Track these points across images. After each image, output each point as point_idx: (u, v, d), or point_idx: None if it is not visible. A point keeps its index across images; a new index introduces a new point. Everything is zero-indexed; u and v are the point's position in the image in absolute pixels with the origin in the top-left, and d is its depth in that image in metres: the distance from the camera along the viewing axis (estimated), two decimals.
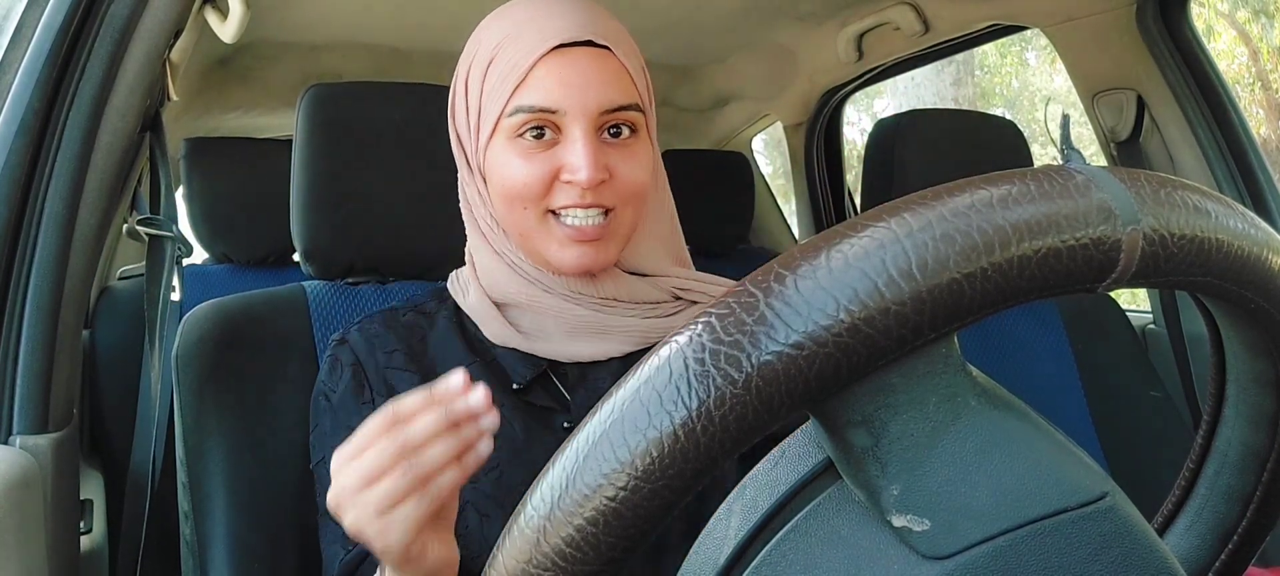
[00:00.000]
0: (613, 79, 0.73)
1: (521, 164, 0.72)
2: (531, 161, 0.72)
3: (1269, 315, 0.34)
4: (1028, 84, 9.37)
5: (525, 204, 0.73)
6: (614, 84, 0.72)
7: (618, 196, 0.73)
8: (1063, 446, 0.33)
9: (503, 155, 0.73)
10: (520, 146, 0.72)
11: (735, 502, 0.35)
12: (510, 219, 0.75)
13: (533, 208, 0.73)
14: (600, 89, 0.72)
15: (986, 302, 0.29)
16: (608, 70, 0.73)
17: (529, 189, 0.72)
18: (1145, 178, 0.31)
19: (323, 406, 0.79)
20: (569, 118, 0.71)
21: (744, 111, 2.39)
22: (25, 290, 0.75)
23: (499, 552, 0.31)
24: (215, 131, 1.98)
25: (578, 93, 0.71)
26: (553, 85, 0.71)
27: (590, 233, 0.72)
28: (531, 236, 0.74)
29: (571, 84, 0.71)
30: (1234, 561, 0.43)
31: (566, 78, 0.71)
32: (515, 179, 0.72)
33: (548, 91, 0.71)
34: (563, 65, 0.71)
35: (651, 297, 0.78)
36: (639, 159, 0.74)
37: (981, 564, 0.30)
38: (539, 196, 0.72)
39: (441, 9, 1.61)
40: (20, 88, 0.76)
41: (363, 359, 0.79)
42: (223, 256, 1.74)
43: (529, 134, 0.72)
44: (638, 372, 0.29)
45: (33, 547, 0.71)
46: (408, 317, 0.82)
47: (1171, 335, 1.55)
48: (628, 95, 0.73)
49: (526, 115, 0.71)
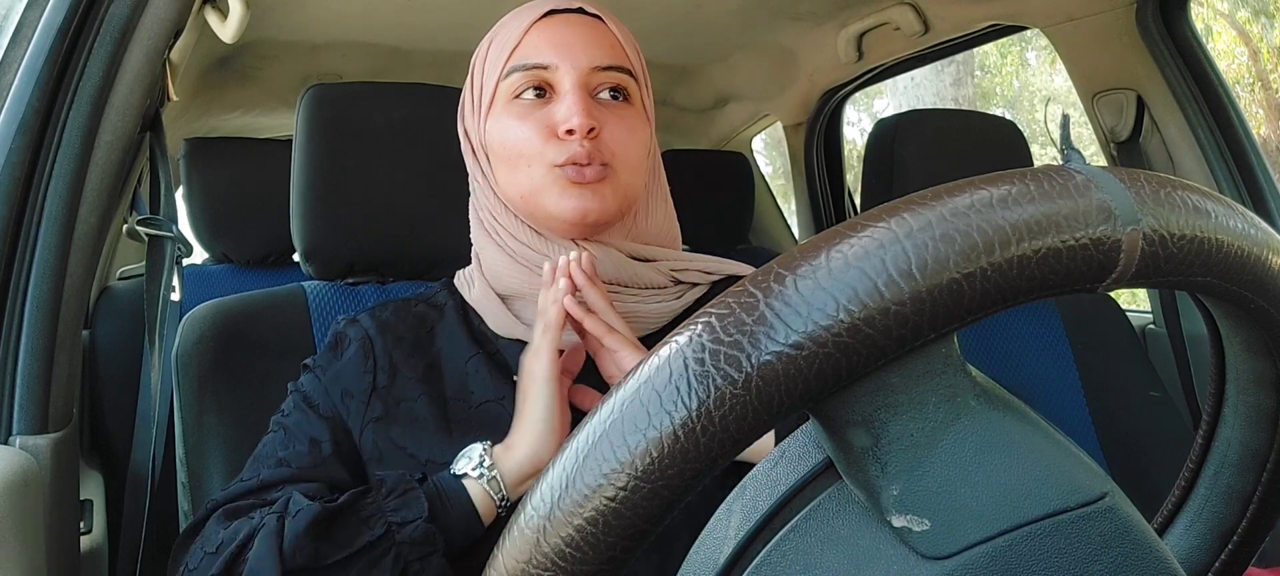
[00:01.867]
0: (602, 42, 0.76)
1: (518, 124, 0.75)
2: (528, 121, 0.75)
3: (1269, 315, 0.34)
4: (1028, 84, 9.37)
5: (527, 162, 0.75)
6: (604, 46, 0.76)
7: (613, 154, 0.75)
8: (1062, 446, 0.33)
9: (501, 122, 0.76)
10: (517, 108, 0.75)
11: (735, 502, 0.35)
12: (514, 182, 0.76)
13: (537, 164, 0.74)
14: (589, 47, 0.75)
15: (986, 303, 0.28)
16: (598, 35, 0.77)
17: (529, 145, 0.74)
18: (1145, 178, 0.31)
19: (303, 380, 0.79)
20: (561, 73, 0.74)
21: (744, 111, 2.39)
22: (25, 290, 0.75)
23: (499, 552, 0.31)
24: (215, 131, 1.98)
25: (567, 50, 0.75)
26: (543, 44, 0.75)
27: (590, 176, 0.74)
28: (533, 194, 0.75)
29: (561, 43, 0.75)
30: (1234, 561, 0.43)
31: (558, 37, 0.75)
32: (514, 138, 0.75)
33: (538, 49, 0.75)
34: (555, 27, 0.76)
35: (653, 282, 0.80)
36: (631, 124, 0.77)
37: (981, 564, 0.30)
38: (539, 153, 0.74)
39: (441, 9, 1.61)
40: (20, 87, 0.76)
41: (373, 338, 0.80)
42: (223, 256, 1.74)
43: (527, 94, 0.75)
44: (638, 372, 0.29)
45: (33, 547, 0.71)
46: (418, 309, 0.83)
47: (1171, 335, 1.55)
48: (618, 58, 0.77)
49: (521, 74, 0.75)
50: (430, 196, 0.98)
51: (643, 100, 0.79)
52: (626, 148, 0.76)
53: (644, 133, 0.78)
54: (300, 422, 0.76)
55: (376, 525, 0.66)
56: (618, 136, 0.75)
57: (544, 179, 0.74)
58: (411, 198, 0.98)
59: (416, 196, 0.98)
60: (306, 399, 0.77)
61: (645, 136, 0.78)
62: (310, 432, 0.75)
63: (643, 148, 0.78)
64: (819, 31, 1.91)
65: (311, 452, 0.74)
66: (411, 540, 0.65)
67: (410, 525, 0.66)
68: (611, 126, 0.75)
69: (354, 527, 0.66)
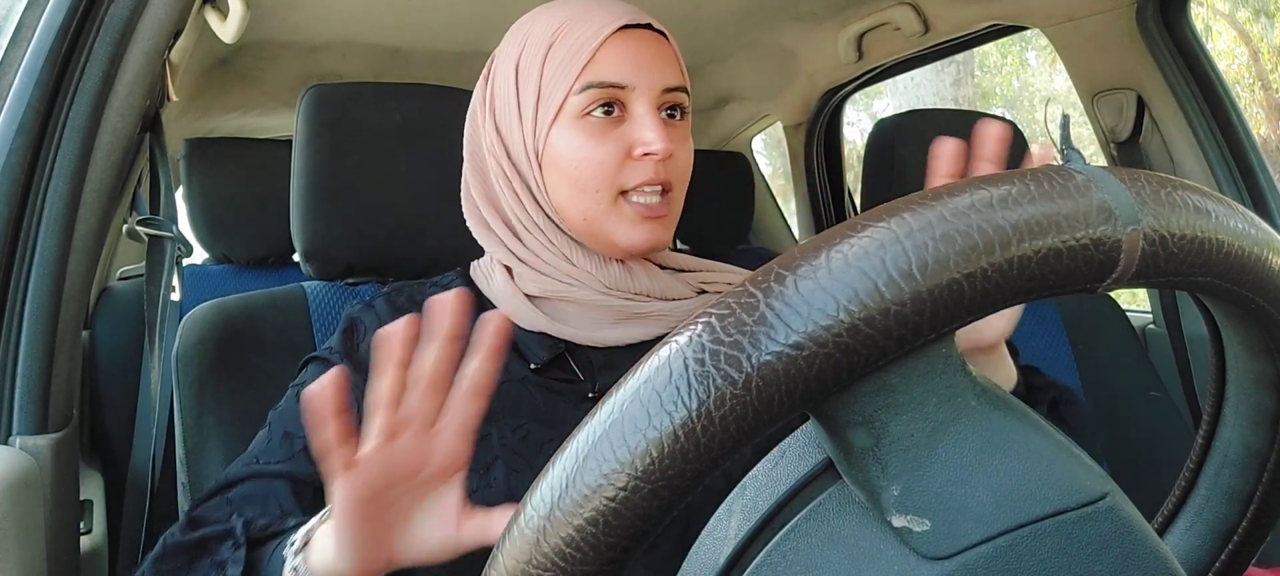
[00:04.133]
0: (672, 61, 0.77)
1: (592, 143, 0.74)
2: (603, 141, 0.74)
3: (1269, 315, 0.34)
4: (1028, 84, 9.37)
5: (597, 186, 0.74)
6: (673, 65, 0.77)
7: (677, 175, 0.76)
8: (1063, 446, 0.33)
9: (570, 137, 0.74)
10: (589, 126, 0.74)
11: (735, 502, 0.35)
12: (577, 204, 0.75)
13: (605, 189, 0.74)
14: (664, 68, 0.75)
15: (986, 303, 0.28)
16: (668, 53, 0.77)
17: (604, 168, 0.73)
18: (1145, 178, 0.31)
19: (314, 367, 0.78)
20: (636, 94, 0.74)
21: (744, 111, 2.39)
22: (25, 290, 0.75)
23: (499, 552, 0.31)
24: (215, 131, 1.98)
25: (645, 70, 0.74)
26: (623, 61, 0.74)
27: (657, 209, 0.74)
28: (599, 220, 0.75)
29: (641, 62, 0.74)
30: (1234, 561, 0.43)
31: (636, 56, 0.74)
32: (588, 159, 0.74)
33: (618, 67, 0.74)
34: (631, 44, 0.75)
35: (680, 293, 0.80)
36: (688, 143, 0.79)
37: (981, 564, 0.30)
38: (612, 177, 0.74)
39: (441, 9, 1.61)
40: (20, 88, 0.76)
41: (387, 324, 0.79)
42: (223, 256, 1.74)
43: (597, 111, 0.74)
44: (638, 372, 0.29)
45: (33, 547, 0.71)
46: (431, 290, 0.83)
47: (1171, 335, 1.55)
48: (681, 78, 0.78)
49: (598, 90, 0.73)
50: (430, 196, 0.98)
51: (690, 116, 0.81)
52: (685, 168, 0.77)
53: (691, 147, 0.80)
54: (282, 416, 0.76)
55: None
56: (682, 156, 0.76)
57: (613, 208, 0.74)
58: (411, 198, 0.98)
59: (416, 196, 0.98)
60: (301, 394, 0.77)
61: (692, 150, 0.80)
62: (287, 427, 0.75)
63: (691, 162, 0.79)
64: (819, 31, 1.91)
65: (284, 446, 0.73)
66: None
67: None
68: (677, 147, 0.75)
69: None
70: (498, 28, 0.83)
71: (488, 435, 0.75)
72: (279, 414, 0.77)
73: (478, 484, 0.73)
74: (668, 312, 0.79)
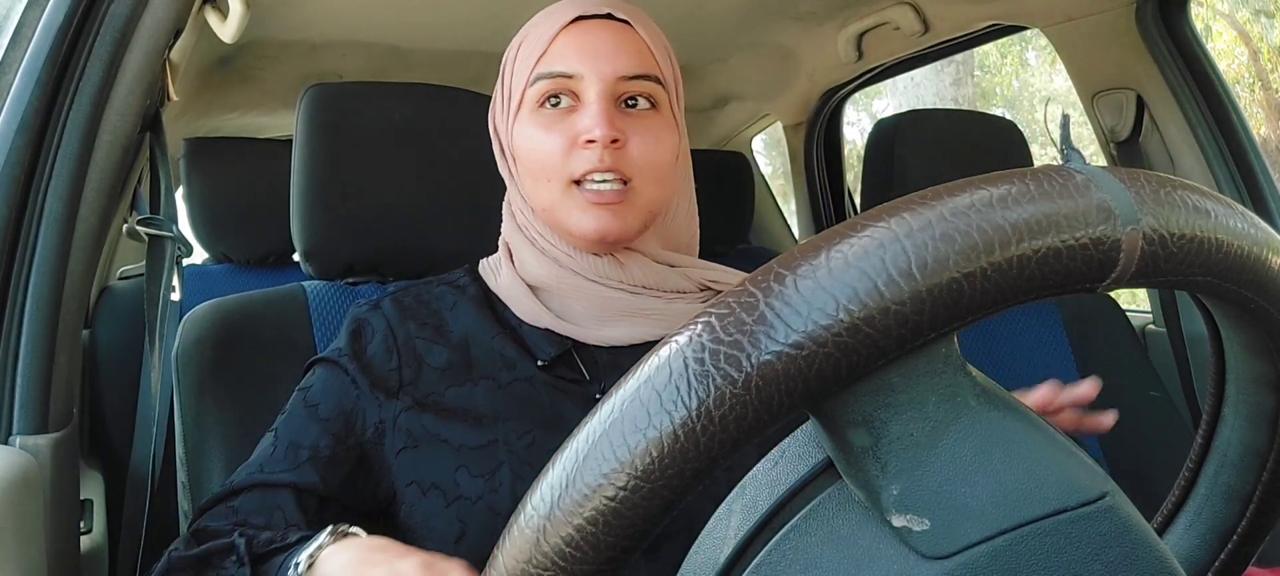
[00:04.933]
0: (630, 49, 0.75)
1: (542, 134, 0.75)
2: (552, 131, 0.74)
3: (1269, 315, 0.34)
4: (1028, 84, 9.37)
5: (548, 175, 0.75)
6: (631, 53, 0.75)
7: (634, 167, 0.74)
8: (1062, 446, 0.33)
9: (527, 129, 0.76)
10: (542, 117, 0.75)
11: (735, 502, 0.35)
12: (537, 194, 0.77)
13: (556, 179, 0.74)
14: (615, 55, 0.74)
15: (986, 302, 0.28)
16: (626, 41, 0.76)
17: (550, 157, 0.74)
18: (1145, 177, 0.31)
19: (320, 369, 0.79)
20: (586, 83, 0.74)
21: (744, 111, 2.39)
22: (25, 290, 0.75)
23: (499, 552, 0.31)
24: (215, 131, 1.98)
25: (593, 59, 0.74)
26: (570, 52, 0.74)
27: (609, 196, 0.73)
28: (555, 209, 0.75)
29: (587, 51, 0.74)
30: (1233, 561, 0.43)
31: (583, 45, 0.74)
32: (538, 149, 0.75)
33: (564, 57, 0.74)
34: (582, 35, 0.75)
35: (681, 287, 0.80)
36: (657, 133, 0.76)
37: (981, 563, 0.30)
38: (560, 166, 0.74)
39: (441, 9, 1.61)
40: (20, 88, 0.76)
41: (395, 327, 0.80)
42: (223, 256, 1.74)
43: (550, 103, 0.75)
44: (638, 372, 0.29)
45: (33, 547, 0.71)
46: (439, 289, 0.84)
47: (1171, 335, 1.55)
48: (645, 66, 0.75)
49: (547, 82, 0.74)
50: (430, 196, 0.98)
51: (672, 108, 0.78)
52: (650, 158, 0.75)
53: (671, 141, 0.77)
54: (288, 424, 0.76)
55: None
56: (642, 148, 0.74)
57: (564, 195, 0.74)
58: (411, 198, 0.98)
59: (416, 196, 0.98)
60: (307, 400, 0.77)
61: (672, 144, 0.77)
62: (292, 437, 0.75)
63: (670, 156, 0.77)
64: (819, 31, 1.91)
65: (289, 456, 0.74)
66: None
67: None
68: (636, 137, 0.74)
69: None
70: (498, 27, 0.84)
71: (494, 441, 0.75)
72: (285, 421, 0.77)
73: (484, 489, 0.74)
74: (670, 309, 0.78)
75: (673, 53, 0.80)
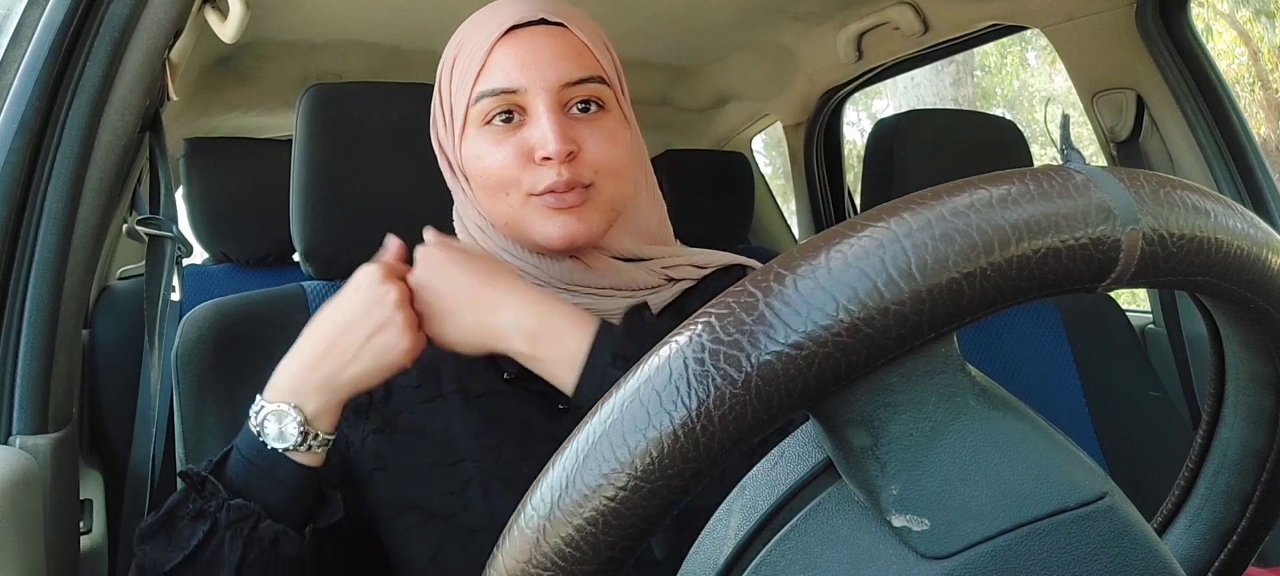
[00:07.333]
0: (570, 53, 0.73)
1: (494, 150, 0.73)
2: (502, 146, 0.73)
3: (1269, 315, 0.34)
4: (1028, 84, 9.37)
5: (506, 190, 0.73)
6: (572, 58, 0.73)
7: (593, 170, 0.73)
8: (1062, 446, 0.33)
9: (475, 146, 0.74)
10: (490, 133, 0.73)
11: (735, 502, 0.35)
12: (495, 210, 0.75)
13: (514, 192, 0.73)
14: (557, 62, 0.72)
15: (986, 302, 0.28)
16: (565, 45, 0.73)
17: (505, 173, 0.72)
18: (1145, 177, 0.31)
19: None
20: (531, 95, 0.72)
21: (744, 111, 2.39)
22: (25, 290, 0.75)
23: (499, 552, 0.31)
24: (215, 131, 1.98)
25: (534, 70, 0.71)
26: (510, 66, 0.72)
27: (571, 200, 0.72)
28: (517, 222, 0.74)
29: (528, 62, 0.72)
30: (1233, 561, 0.43)
31: (522, 57, 0.72)
32: (490, 166, 0.73)
33: (506, 72, 0.72)
34: (518, 45, 0.72)
35: (647, 282, 0.79)
36: (610, 133, 0.74)
37: (981, 563, 0.30)
38: (517, 180, 0.72)
39: (441, 9, 1.61)
40: (20, 87, 0.76)
41: None
42: (223, 256, 1.74)
43: (497, 119, 0.73)
44: (638, 372, 0.29)
45: (32, 547, 0.71)
46: None
47: (1171, 335, 1.55)
48: (588, 68, 0.73)
49: (490, 99, 0.72)
50: (430, 196, 0.98)
51: (619, 104, 0.77)
52: (608, 160, 0.73)
53: (625, 137, 0.75)
54: None
55: (204, 520, 0.67)
56: (597, 151, 0.73)
57: (525, 208, 0.73)
58: (411, 198, 0.98)
59: (416, 196, 0.98)
60: None
61: (627, 140, 0.76)
62: None
63: (626, 153, 0.75)
64: (819, 31, 1.91)
65: None
66: (231, 521, 0.66)
67: (225, 507, 0.67)
68: (590, 142, 0.72)
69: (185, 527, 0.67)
70: None
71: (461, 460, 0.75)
72: None
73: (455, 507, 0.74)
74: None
75: (611, 45, 0.78)
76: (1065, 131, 1.35)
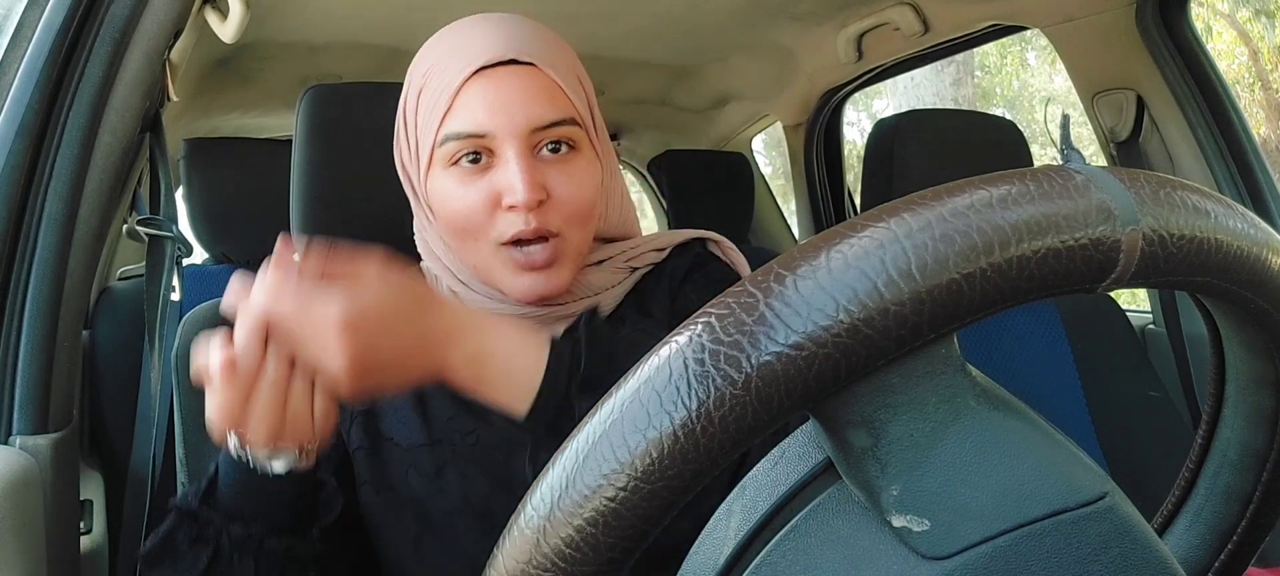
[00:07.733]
0: (541, 95, 0.71)
1: (461, 191, 0.71)
2: (470, 188, 0.71)
3: (1269, 315, 0.34)
4: (1028, 84, 9.37)
5: (474, 236, 0.72)
6: (543, 100, 0.71)
7: (561, 217, 0.71)
8: (1062, 446, 0.33)
9: (442, 184, 0.72)
10: (457, 174, 0.71)
11: (735, 502, 0.35)
12: (463, 253, 0.74)
13: (483, 239, 0.72)
14: (527, 107, 0.70)
15: (986, 303, 0.28)
16: (535, 87, 0.71)
17: (473, 219, 0.71)
18: (1145, 178, 0.31)
19: None
20: (499, 140, 0.70)
21: (744, 111, 2.39)
22: (25, 290, 0.75)
23: (499, 553, 0.31)
24: (215, 131, 1.98)
25: (504, 114, 0.69)
26: (478, 109, 0.70)
27: (539, 259, 0.71)
28: (485, 271, 0.73)
29: (496, 106, 0.69)
30: (1233, 561, 0.43)
31: (491, 100, 0.70)
32: (458, 210, 0.71)
33: (474, 116, 0.70)
34: (487, 88, 0.70)
35: (610, 282, 0.79)
36: (580, 176, 0.72)
37: (981, 564, 0.30)
38: (484, 227, 0.71)
39: (441, 9, 1.61)
40: (20, 88, 0.76)
41: None
42: (222, 256, 1.74)
43: (464, 160, 0.71)
44: (638, 373, 0.29)
45: (32, 547, 0.71)
46: None
47: (1171, 335, 1.55)
48: (560, 110, 0.71)
49: (457, 142, 0.70)
50: None
51: (591, 140, 0.75)
52: (577, 204, 0.72)
53: (593, 175, 0.74)
54: None
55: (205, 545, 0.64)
56: (566, 194, 0.71)
57: (494, 257, 0.72)
58: None
59: None
60: None
61: (595, 178, 0.74)
62: None
63: (593, 194, 0.73)
64: (819, 31, 1.91)
65: None
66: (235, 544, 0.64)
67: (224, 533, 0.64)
68: (560, 186, 0.71)
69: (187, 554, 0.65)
70: None
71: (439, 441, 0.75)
72: None
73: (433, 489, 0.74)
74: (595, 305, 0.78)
75: (585, 76, 0.76)
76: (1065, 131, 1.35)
